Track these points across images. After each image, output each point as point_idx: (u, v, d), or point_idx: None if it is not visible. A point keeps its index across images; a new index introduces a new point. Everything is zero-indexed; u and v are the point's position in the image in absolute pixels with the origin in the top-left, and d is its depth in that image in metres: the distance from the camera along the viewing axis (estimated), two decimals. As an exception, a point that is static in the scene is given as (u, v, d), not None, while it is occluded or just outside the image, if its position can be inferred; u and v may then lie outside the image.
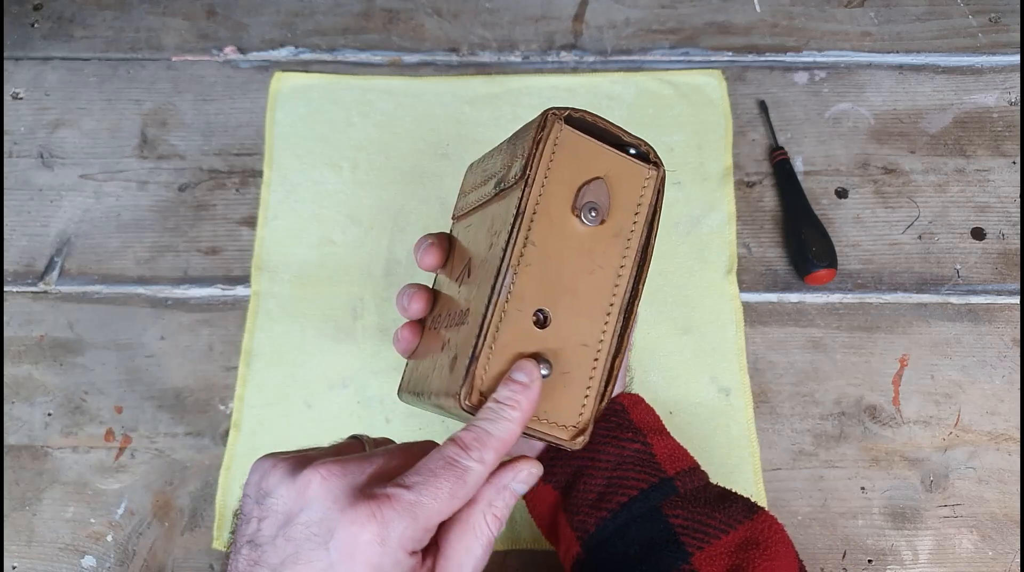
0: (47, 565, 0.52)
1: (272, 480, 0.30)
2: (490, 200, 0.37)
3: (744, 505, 0.40)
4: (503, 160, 0.37)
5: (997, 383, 0.56)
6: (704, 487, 0.41)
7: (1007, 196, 0.62)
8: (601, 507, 0.38)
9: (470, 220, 0.39)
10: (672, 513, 0.38)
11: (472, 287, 0.35)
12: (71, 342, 0.59)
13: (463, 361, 0.32)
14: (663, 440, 0.41)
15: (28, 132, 0.66)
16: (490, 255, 0.34)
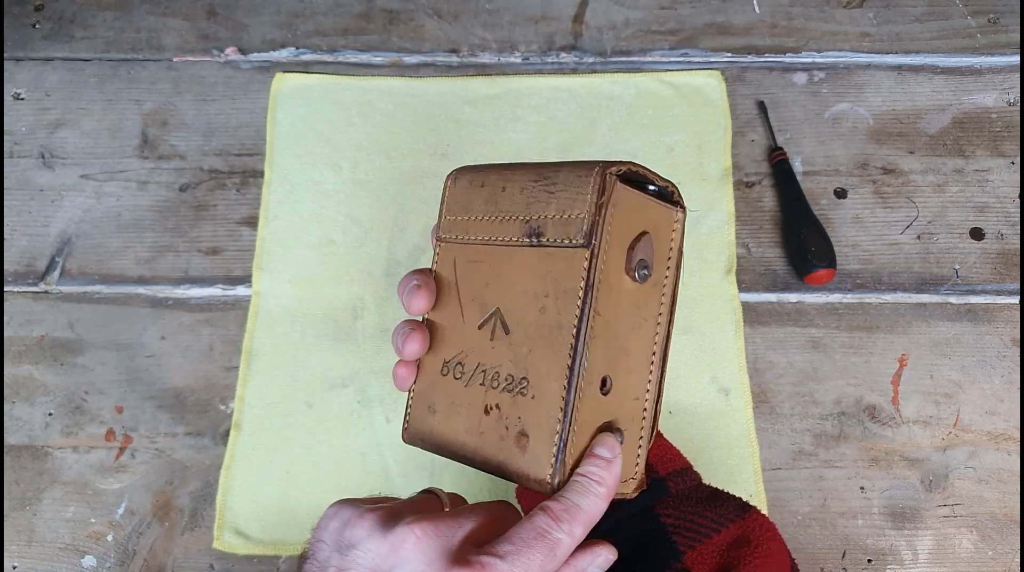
0: (47, 565, 0.52)
1: (359, 532, 0.30)
2: (519, 247, 0.35)
3: (735, 504, 0.40)
4: (531, 202, 0.35)
5: (996, 383, 0.56)
6: (696, 487, 0.41)
7: (1006, 196, 0.62)
8: None
9: (478, 255, 0.37)
10: (664, 512, 0.39)
11: (520, 350, 0.34)
12: (71, 342, 0.59)
13: (545, 444, 0.32)
14: (655, 442, 0.42)
15: (29, 132, 0.66)
16: (546, 322, 0.33)
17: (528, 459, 0.33)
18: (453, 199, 0.38)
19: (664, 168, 0.63)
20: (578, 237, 0.33)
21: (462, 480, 0.54)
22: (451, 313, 0.37)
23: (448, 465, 0.54)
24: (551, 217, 0.34)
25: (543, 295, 0.34)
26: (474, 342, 0.36)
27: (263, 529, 0.53)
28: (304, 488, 0.54)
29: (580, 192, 0.33)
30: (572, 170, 0.34)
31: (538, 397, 0.33)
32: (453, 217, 0.38)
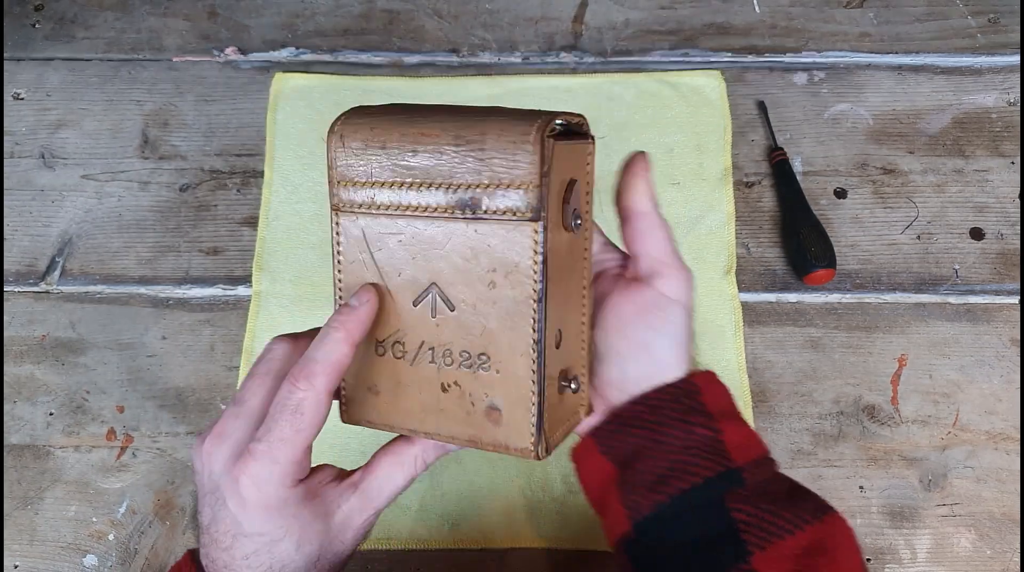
0: (49, 564, 0.53)
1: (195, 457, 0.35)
2: (448, 219, 0.33)
3: (814, 504, 0.36)
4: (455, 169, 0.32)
5: (995, 383, 0.56)
6: (773, 479, 0.37)
7: (1006, 196, 0.62)
8: (659, 490, 0.36)
9: (393, 226, 0.34)
10: (735, 507, 0.35)
11: (473, 327, 0.33)
12: (73, 342, 0.59)
13: (521, 416, 0.33)
14: (736, 426, 0.37)
15: (30, 132, 0.66)
16: (499, 296, 0.33)
17: (504, 431, 0.34)
18: (345, 162, 0.34)
19: (664, 168, 0.63)
20: (525, 210, 0.31)
21: (462, 479, 0.54)
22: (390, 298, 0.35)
23: (448, 464, 0.54)
24: (485, 186, 0.32)
25: (489, 270, 0.32)
26: (412, 320, 0.34)
27: (264, 528, 0.53)
28: (305, 487, 0.54)
29: (518, 161, 0.31)
30: (500, 133, 0.31)
31: (504, 372, 0.33)
32: (351, 183, 0.34)
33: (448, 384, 0.34)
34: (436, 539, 0.53)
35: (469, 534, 0.53)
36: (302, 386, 0.32)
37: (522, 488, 0.54)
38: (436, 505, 0.53)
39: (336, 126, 0.34)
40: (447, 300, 0.34)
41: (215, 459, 0.33)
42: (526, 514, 0.53)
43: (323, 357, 0.33)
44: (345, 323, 0.33)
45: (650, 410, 0.37)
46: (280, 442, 0.32)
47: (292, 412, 0.32)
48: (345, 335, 0.33)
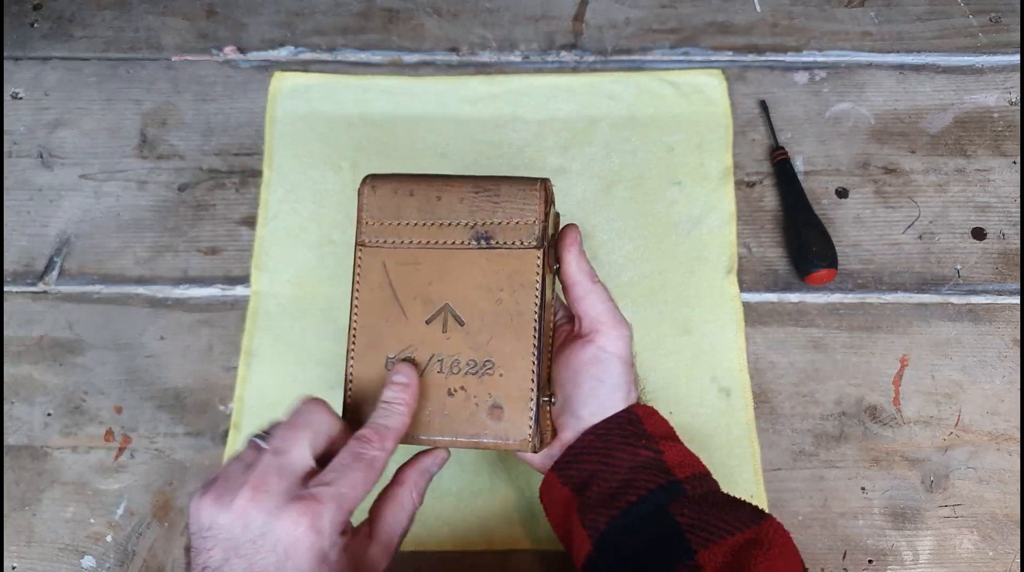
0: (47, 565, 0.52)
1: (206, 517, 0.34)
2: (464, 249, 0.41)
3: (752, 511, 0.40)
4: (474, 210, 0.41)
5: (997, 383, 0.56)
6: (714, 492, 0.42)
7: (1007, 196, 0.62)
8: (612, 506, 0.40)
9: (414, 258, 0.41)
10: (679, 512, 0.39)
11: (480, 338, 0.40)
12: (71, 342, 0.59)
13: (521, 412, 0.40)
14: (674, 447, 0.43)
15: (28, 132, 0.66)
16: (505, 311, 0.40)
17: (505, 426, 0.40)
18: (375, 206, 0.42)
19: (665, 167, 0.63)
20: (531, 240, 0.40)
21: (461, 479, 0.54)
22: (388, 312, 0.41)
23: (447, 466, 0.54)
24: (498, 223, 0.41)
25: (498, 289, 0.40)
26: (423, 336, 0.41)
27: (263, 530, 0.53)
28: (304, 488, 0.54)
29: (527, 203, 0.41)
30: (511, 184, 0.41)
31: (507, 374, 0.40)
32: (377, 223, 0.42)
33: (455, 389, 0.40)
34: (435, 541, 0.52)
35: (468, 536, 0.53)
36: (377, 446, 0.37)
37: (522, 490, 0.53)
38: (435, 507, 0.53)
39: (367, 179, 0.43)
40: (457, 317, 0.40)
41: (260, 507, 0.33)
42: (525, 516, 0.53)
43: (393, 425, 0.38)
44: (406, 399, 0.39)
45: (599, 437, 0.42)
46: (350, 489, 0.35)
47: (367, 465, 0.36)
48: (408, 410, 0.39)
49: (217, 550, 0.33)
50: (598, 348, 0.42)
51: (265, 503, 0.33)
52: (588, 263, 0.43)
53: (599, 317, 0.43)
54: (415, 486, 0.40)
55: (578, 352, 0.43)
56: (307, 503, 0.33)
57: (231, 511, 0.34)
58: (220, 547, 0.33)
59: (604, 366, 0.42)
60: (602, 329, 0.42)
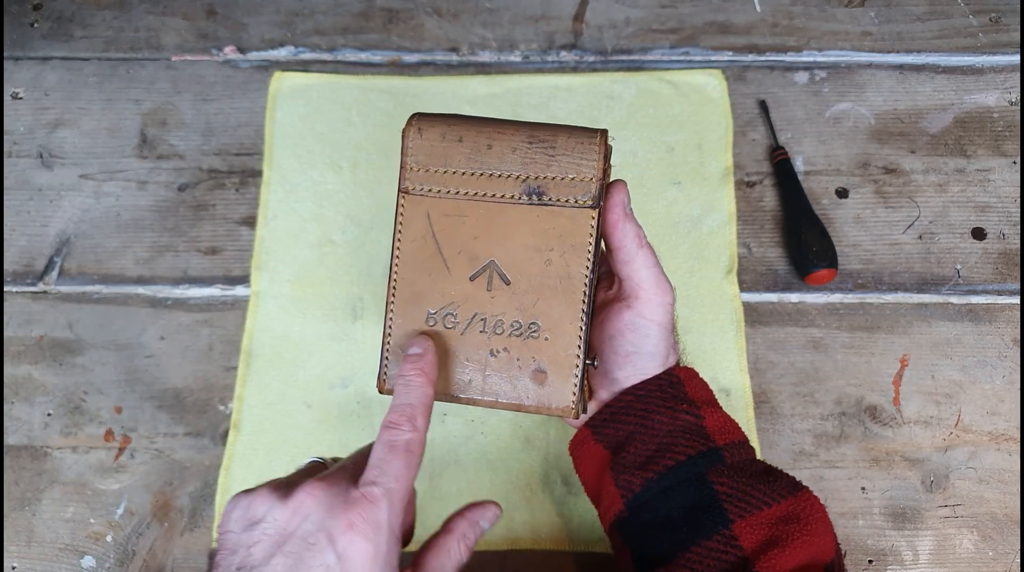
0: (47, 565, 0.52)
1: (261, 508, 0.33)
2: (513, 203, 0.38)
3: (788, 482, 0.40)
4: (527, 162, 0.38)
5: (997, 383, 0.56)
6: (751, 461, 0.42)
7: (1007, 196, 0.62)
8: (648, 469, 0.40)
9: (459, 209, 0.39)
10: (717, 480, 0.39)
11: (526, 299, 0.38)
12: (70, 342, 0.59)
13: (565, 377, 0.38)
14: (715, 413, 0.42)
15: (28, 132, 0.66)
16: (554, 273, 0.38)
17: (547, 391, 0.38)
18: (421, 151, 0.39)
19: (665, 167, 0.63)
20: (586, 198, 0.38)
21: (461, 479, 0.54)
22: (431, 266, 0.39)
23: (447, 465, 0.54)
24: (552, 178, 0.38)
25: (547, 249, 0.38)
26: (467, 293, 0.39)
27: (263, 530, 0.53)
28: (304, 488, 0.54)
29: (584, 157, 0.38)
30: (568, 135, 0.38)
31: (553, 339, 0.38)
32: (423, 170, 0.39)
33: (497, 350, 0.38)
34: (436, 540, 0.52)
35: (469, 535, 0.53)
36: (407, 428, 0.35)
37: (522, 490, 0.53)
38: (435, 507, 0.53)
39: (413, 120, 0.39)
40: (503, 275, 0.38)
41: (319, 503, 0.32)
42: (526, 516, 0.53)
43: (417, 400, 0.36)
44: (423, 369, 0.37)
45: (638, 399, 0.41)
46: (395, 482, 0.33)
47: (404, 450, 0.34)
48: (426, 379, 0.37)
49: (261, 546, 0.32)
50: (637, 314, 0.40)
51: (325, 500, 0.32)
52: (635, 224, 0.40)
53: (642, 283, 0.40)
54: (463, 538, 0.38)
55: (616, 316, 0.41)
56: (361, 505, 0.32)
57: (288, 504, 0.33)
58: (266, 543, 0.32)
59: (643, 333, 0.41)
60: (643, 295, 0.40)
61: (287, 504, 0.33)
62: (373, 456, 0.34)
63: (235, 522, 0.34)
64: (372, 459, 0.34)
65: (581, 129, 0.39)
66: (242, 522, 0.33)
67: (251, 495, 0.34)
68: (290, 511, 0.32)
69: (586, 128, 0.39)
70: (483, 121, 0.39)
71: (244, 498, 0.34)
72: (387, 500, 0.33)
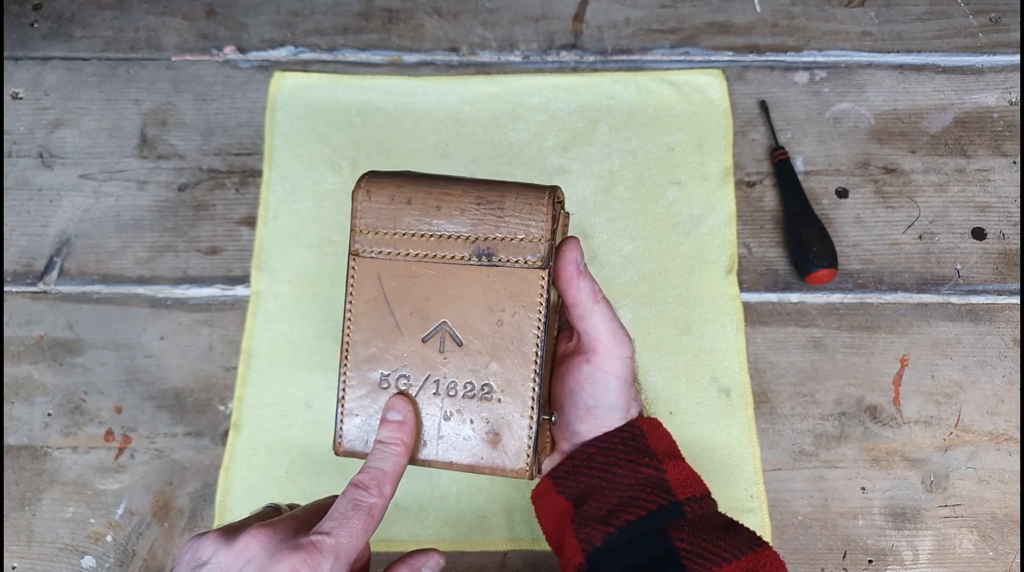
0: (47, 565, 0.52)
1: (207, 550, 0.34)
2: (464, 265, 0.38)
3: (749, 537, 0.40)
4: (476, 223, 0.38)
5: (997, 383, 0.56)
6: (712, 515, 0.41)
7: (1007, 196, 0.62)
8: (609, 523, 0.40)
9: (410, 270, 0.39)
10: (677, 536, 0.39)
11: (479, 360, 0.38)
12: (70, 342, 0.59)
13: (519, 439, 0.38)
14: (677, 465, 0.42)
15: (28, 132, 0.66)
16: (506, 334, 0.38)
17: (501, 454, 0.38)
18: (370, 213, 0.39)
19: (665, 167, 0.63)
20: (535, 259, 0.37)
21: (461, 478, 0.54)
22: (383, 327, 0.39)
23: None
24: (501, 238, 0.38)
25: (499, 310, 0.38)
26: (419, 354, 0.39)
27: (263, 530, 0.53)
28: (303, 488, 0.54)
29: (532, 218, 0.37)
30: (517, 197, 0.38)
31: (506, 400, 0.38)
32: (372, 232, 0.39)
33: (451, 413, 0.38)
34: (435, 541, 0.52)
35: (468, 536, 0.53)
36: (374, 493, 0.35)
37: (522, 490, 0.53)
38: (435, 507, 0.53)
39: (362, 182, 0.39)
40: (455, 336, 0.38)
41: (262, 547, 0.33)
42: (525, 516, 0.53)
43: (390, 468, 0.36)
44: (402, 439, 0.37)
45: (600, 451, 0.41)
46: (349, 539, 0.34)
47: (366, 513, 0.35)
48: (404, 449, 0.37)
49: None
50: (596, 368, 0.41)
51: (267, 544, 0.33)
52: (590, 280, 0.40)
53: (600, 337, 0.41)
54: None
55: (576, 369, 0.41)
56: (307, 551, 0.33)
57: (232, 547, 0.33)
58: None
59: (602, 386, 0.41)
60: (600, 349, 0.40)
61: (232, 547, 0.33)
62: (334, 508, 0.35)
63: (185, 565, 0.34)
64: (332, 511, 0.35)
65: (531, 188, 0.38)
66: (191, 564, 0.34)
67: (201, 538, 0.35)
68: (234, 554, 0.33)
69: (536, 186, 0.38)
70: (432, 181, 0.39)
71: (195, 541, 0.35)
72: (334, 553, 0.33)
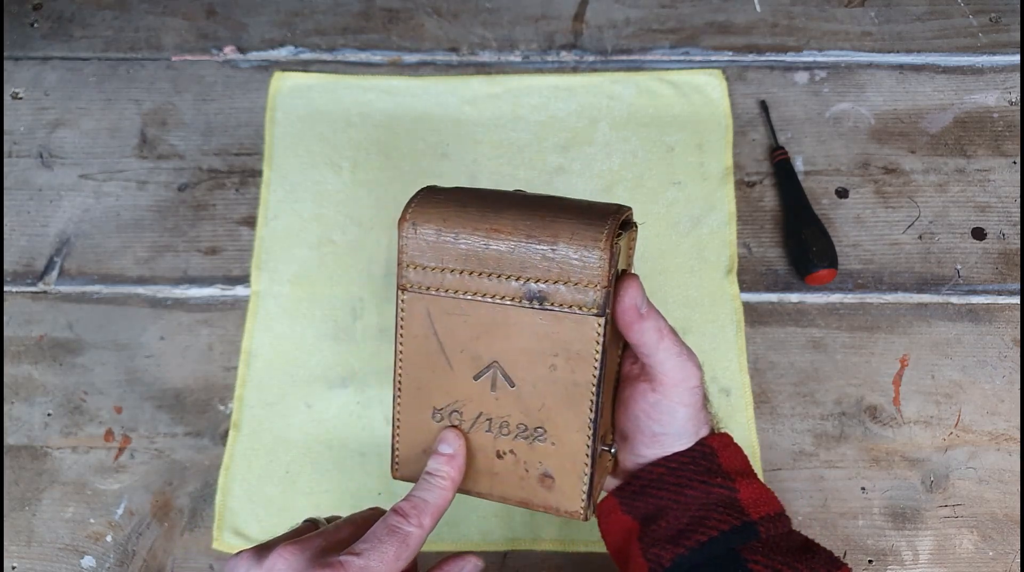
0: (46, 565, 0.52)
1: (243, 566, 0.34)
2: (515, 306, 0.35)
3: (826, 558, 0.38)
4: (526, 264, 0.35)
5: (997, 383, 0.56)
6: (787, 534, 0.40)
7: (1007, 196, 0.62)
8: (679, 543, 0.38)
9: (459, 308, 0.36)
10: (752, 558, 0.37)
11: (531, 403, 0.37)
12: (71, 342, 0.59)
13: (573, 484, 0.37)
14: (750, 483, 0.40)
15: (28, 132, 0.66)
16: (559, 379, 0.36)
17: (555, 496, 0.38)
18: (416, 248, 0.37)
19: (665, 167, 0.63)
20: (591, 306, 0.34)
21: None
22: (433, 363, 0.38)
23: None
24: (553, 281, 0.35)
25: (551, 354, 0.36)
26: (471, 393, 0.38)
27: (262, 529, 0.53)
28: (303, 488, 0.54)
29: (587, 260, 0.34)
30: (572, 236, 0.34)
31: (559, 445, 0.37)
32: (419, 267, 0.37)
33: (504, 452, 0.38)
34: (435, 541, 0.52)
35: (468, 535, 0.53)
36: (414, 522, 0.35)
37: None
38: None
39: (408, 213, 0.37)
40: (508, 377, 0.37)
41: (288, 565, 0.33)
42: (525, 516, 0.53)
43: (434, 500, 0.36)
44: (450, 473, 0.37)
45: (670, 472, 0.40)
46: (379, 564, 0.33)
47: (401, 541, 0.34)
48: (451, 484, 0.37)
49: None
50: (663, 396, 0.39)
51: (295, 562, 0.33)
52: (655, 318, 0.37)
53: (667, 373, 0.38)
54: None
55: (641, 397, 0.39)
56: (334, 570, 0.32)
57: (262, 565, 0.33)
58: None
59: (669, 416, 0.39)
60: (667, 381, 0.38)
61: (262, 565, 0.33)
62: (371, 531, 0.35)
63: None
64: (369, 533, 0.35)
65: (589, 222, 0.34)
66: None
67: (237, 558, 0.35)
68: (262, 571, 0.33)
69: (596, 217, 0.35)
70: (482, 211, 0.36)
71: (232, 560, 0.35)
72: None
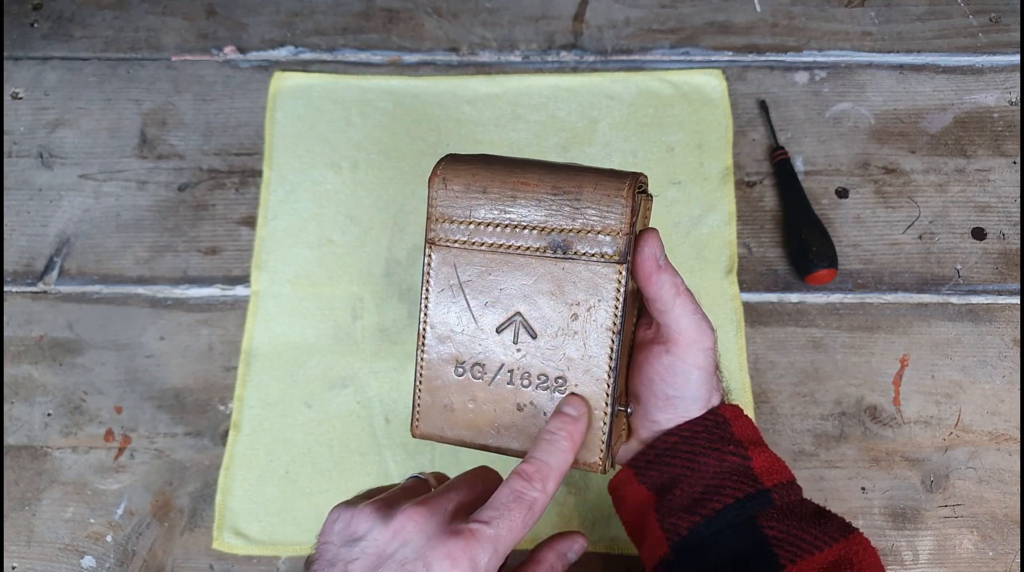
0: (46, 565, 0.52)
1: (363, 525, 0.33)
2: (538, 257, 0.37)
3: (839, 524, 0.39)
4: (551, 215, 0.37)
5: (997, 383, 0.56)
6: (800, 502, 0.40)
7: (1007, 196, 0.62)
8: (695, 511, 0.39)
9: (484, 260, 0.38)
10: (767, 524, 0.38)
11: (554, 353, 0.38)
12: (70, 342, 0.59)
13: (593, 434, 0.37)
14: (762, 452, 0.41)
15: (28, 132, 0.66)
16: (580, 328, 0.37)
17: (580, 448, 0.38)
18: (446, 202, 0.38)
19: (665, 167, 0.63)
20: (613, 253, 0.36)
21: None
22: (458, 316, 0.39)
23: (446, 464, 0.54)
24: (577, 231, 0.37)
25: (574, 303, 0.37)
26: (494, 345, 0.38)
27: (262, 529, 0.53)
28: (303, 488, 0.54)
29: (611, 210, 0.36)
30: (596, 186, 0.37)
31: (580, 394, 0.38)
32: (448, 221, 0.39)
33: (524, 404, 0.38)
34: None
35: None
36: (538, 487, 0.34)
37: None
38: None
39: (438, 170, 0.38)
40: (530, 328, 0.38)
41: (420, 529, 0.32)
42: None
43: (556, 463, 0.35)
44: (572, 434, 0.36)
45: (683, 440, 0.40)
46: (508, 532, 0.33)
47: (527, 507, 0.33)
48: (572, 445, 0.36)
49: (359, 564, 0.32)
50: (677, 358, 0.39)
51: (426, 527, 0.32)
52: (672, 273, 0.38)
53: (681, 331, 0.39)
54: (551, 569, 0.38)
55: (656, 359, 0.40)
56: (466, 539, 0.32)
57: (389, 526, 0.33)
58: (364, 561, 0.32)
59: (683, 377, 0.39)
60: (682, 341, 0.39)
61: (388, 526, 0.33)
62: (497, 497, 0.34)
63: (336, 535, 0.34)
64: (493, 499, 0.34)
65: (610, 176, 0.37)
66: (343, 536, 0.33)
67: (353, 510, 0.34)
68: (390, 533, 0.32)
69: (616, 174, 0.37)
70: (509, 167, 0.38)
71: (347, 511, 0.34)
72: (493, 545, 0.32)
